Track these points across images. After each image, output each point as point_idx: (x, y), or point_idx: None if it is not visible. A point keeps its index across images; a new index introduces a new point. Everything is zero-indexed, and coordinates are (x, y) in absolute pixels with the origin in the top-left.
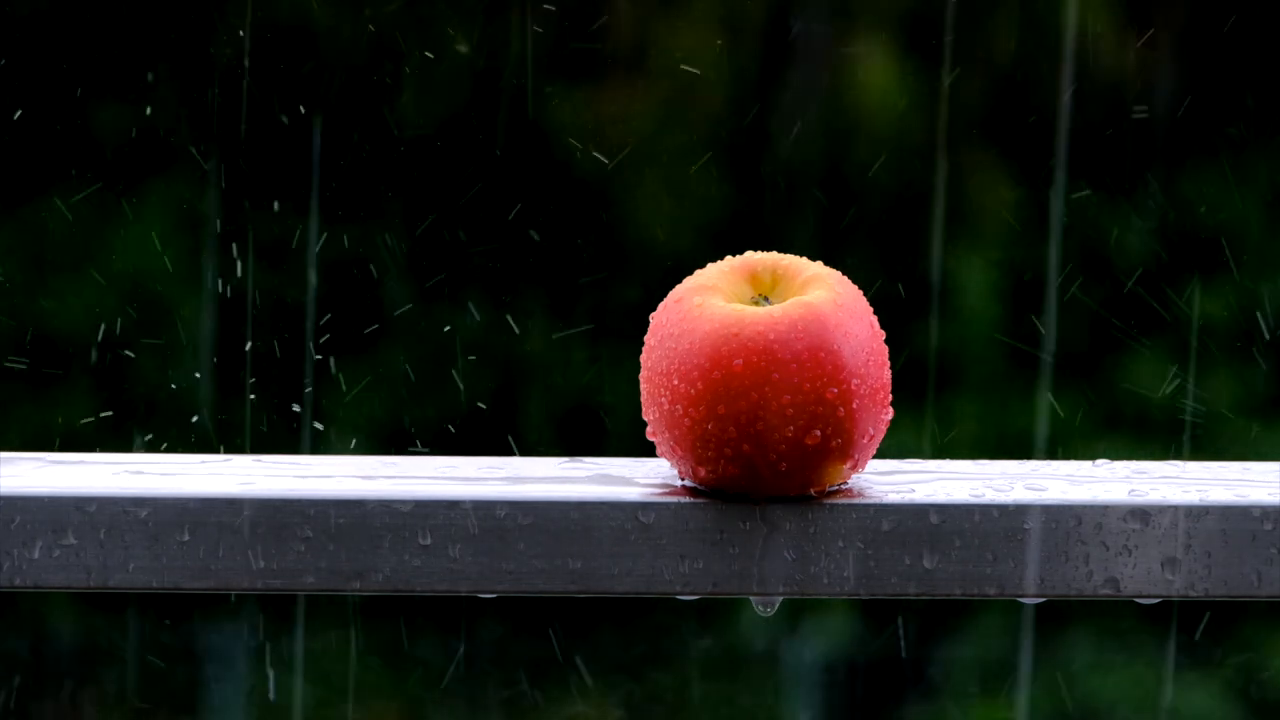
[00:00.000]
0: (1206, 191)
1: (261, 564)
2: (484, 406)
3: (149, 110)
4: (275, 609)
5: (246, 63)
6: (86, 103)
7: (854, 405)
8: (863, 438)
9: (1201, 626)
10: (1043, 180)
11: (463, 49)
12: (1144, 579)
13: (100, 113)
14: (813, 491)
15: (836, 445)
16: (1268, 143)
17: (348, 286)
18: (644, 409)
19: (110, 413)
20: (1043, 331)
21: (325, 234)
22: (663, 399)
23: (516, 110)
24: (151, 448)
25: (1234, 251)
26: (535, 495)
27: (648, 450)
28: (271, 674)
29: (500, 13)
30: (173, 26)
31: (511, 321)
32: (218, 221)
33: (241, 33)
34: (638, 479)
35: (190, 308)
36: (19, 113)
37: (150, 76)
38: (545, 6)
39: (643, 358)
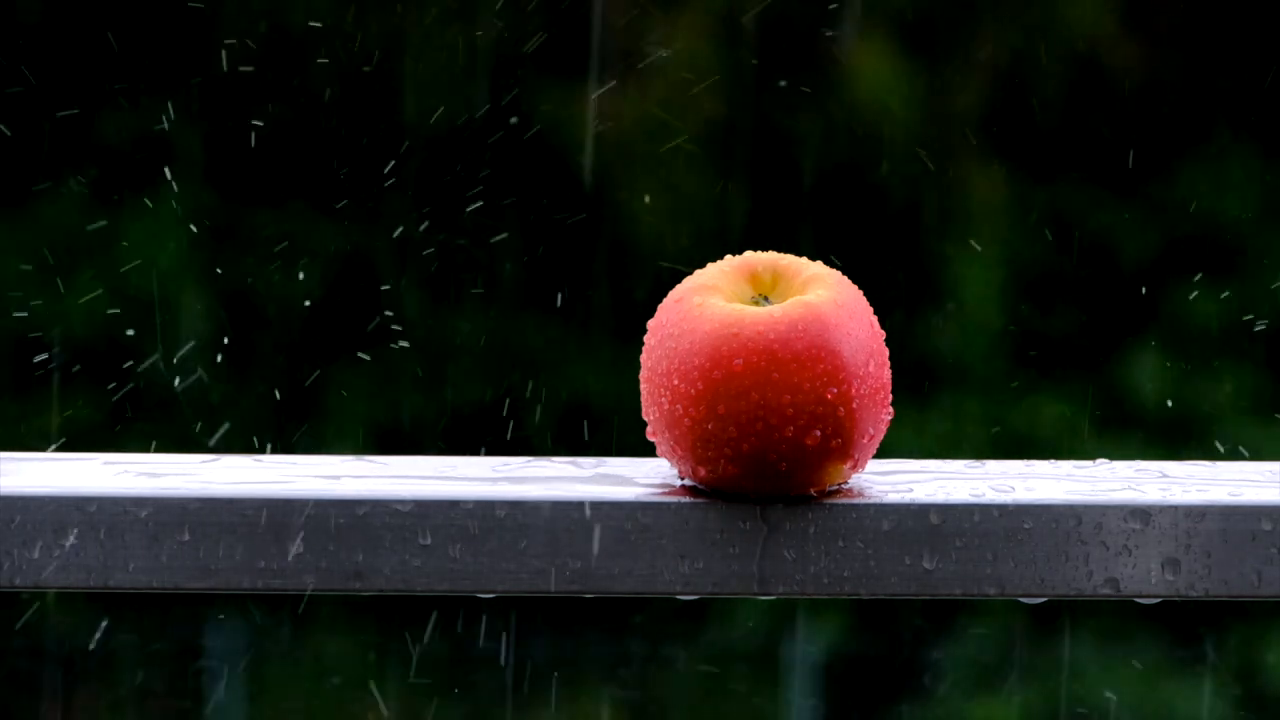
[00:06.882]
0: (1207, 190)
1: (261, 564)
2: (484, 406)
3: (149, 110)
4: (275, 609)
5: (246, 61)
6: (87, 103)
7: (854, 405)
8: (863, 438)
9: (1201, 626)
10: (1043, 178)
11: (462, 48)
12: (1144, 579)
13: (101, 113)
14: (813, 491)
15: (836, 445)
16: (1268, 141)
17: (348, 286)
18: (644, 409)
19: (110, 413)
20: (1043, 331)
21: (325, 233)
22: (663, 399)
23: (517, 109)
24: (151, 448)
25: (1234, 250)
26: (535, 495)
27: (648, 450)
28: (271, 674)
29: (499, 11)
30: (172, 26)
31: (511, 321)
32: (219, 221)
33: (241, 32)
34: (638, 479)
35: (190, 307)
36: (20, 113)
37: (150, 77)
38: (545, 5)
39: (643, 358)
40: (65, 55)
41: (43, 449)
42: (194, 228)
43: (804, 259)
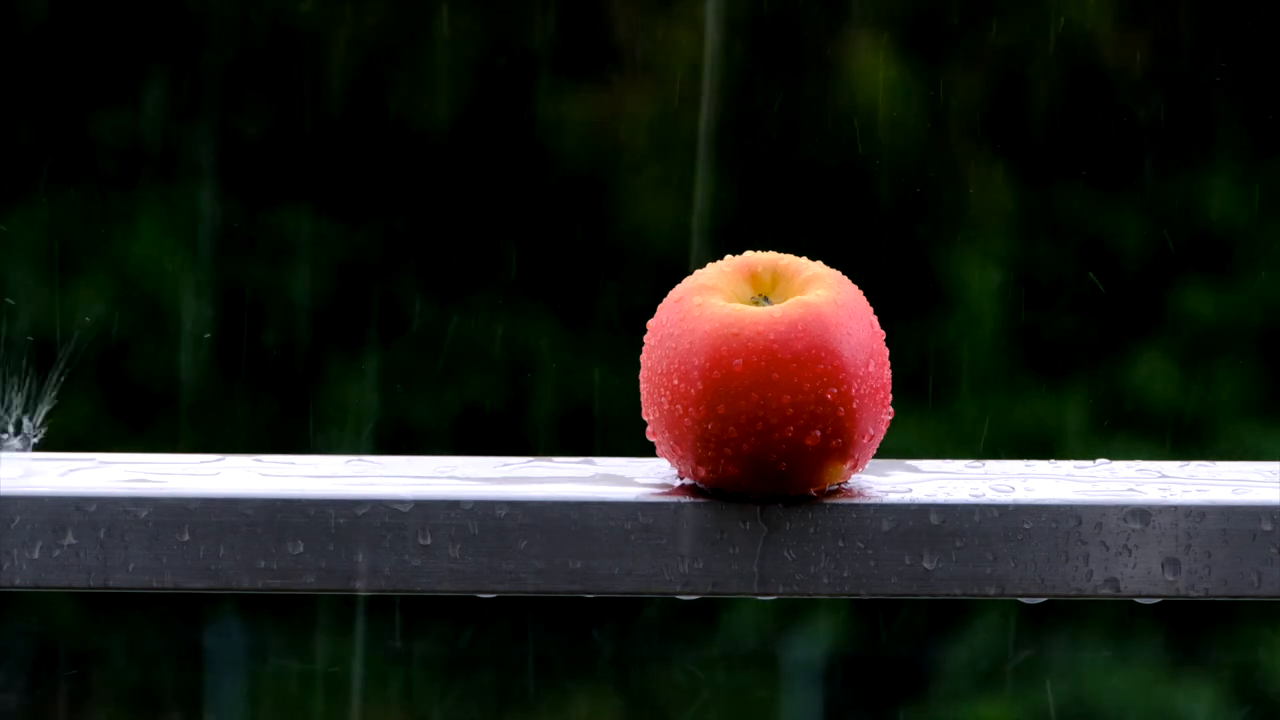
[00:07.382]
0: (1208, 189)
1: (261, 564)
2: (484, 406)
3: (149, 110)
4: (275, 609)
5: (246, 61)
6: (86, 102)
7: (854, 405)
8: (863, 438)
9: (1201, 627)
10: (1043, 178)
11: (462, 47)
12: (1144, 579)
13: (100, 113)
14: (813, 491)
15: (836, 445)
16: (1269, 140)
17: (348, 286)
18: (644, 409)
19: (111, 413)
20: (1043, 331)
21: (325, 234)
22: (663, 399)
23: (517, 109)
24: (151, 448)
25: (1235, 249)
26: (535, 495)
27: (648, 450)
28: (271, 674)
29: (499, 10)
30: (172, 26)
31: (511, 321)
32: (218, 221)
33: (240, 32)
34: (638, 479)
35: (190, 307)
36: (19, 114)
37: (147, 78)
38: (547, 4)
39: (643, 358)
40: (66, 54)
41: (43, 449)
42: (195, 227)
43: (804, 259)
